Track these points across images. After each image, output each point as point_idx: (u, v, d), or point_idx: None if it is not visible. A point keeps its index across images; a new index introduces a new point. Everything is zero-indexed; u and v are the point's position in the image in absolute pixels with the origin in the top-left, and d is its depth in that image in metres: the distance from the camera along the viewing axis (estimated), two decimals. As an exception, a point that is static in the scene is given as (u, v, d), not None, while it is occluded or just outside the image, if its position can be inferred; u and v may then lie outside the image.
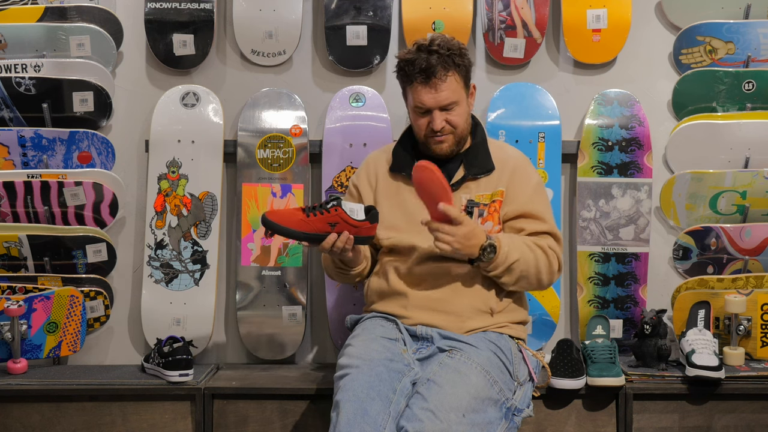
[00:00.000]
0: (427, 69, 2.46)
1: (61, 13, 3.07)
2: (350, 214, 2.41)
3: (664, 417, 2.74)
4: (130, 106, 3.17)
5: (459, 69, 2.50)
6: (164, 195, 3.09)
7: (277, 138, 3.10)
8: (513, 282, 2.47)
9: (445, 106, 2.49)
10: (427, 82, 2.47)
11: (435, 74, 2.46)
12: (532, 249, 2.47)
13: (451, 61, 2.47)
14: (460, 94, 2.51)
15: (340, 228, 2.41)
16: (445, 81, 2.47)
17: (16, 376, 2.85)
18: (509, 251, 2.42)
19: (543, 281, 2.51)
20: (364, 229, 2.43)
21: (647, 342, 2.82)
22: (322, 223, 2.40)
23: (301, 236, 2.41)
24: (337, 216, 2.40)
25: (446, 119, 2.50)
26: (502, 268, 2.42)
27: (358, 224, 2.42)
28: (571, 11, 3.10)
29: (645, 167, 3.09)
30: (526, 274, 2.46)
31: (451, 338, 2.42)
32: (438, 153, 2.55)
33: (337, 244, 2.41)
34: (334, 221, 2.40)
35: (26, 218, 3.03)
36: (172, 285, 3.08)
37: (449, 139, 2.53)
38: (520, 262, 2.44)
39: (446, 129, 2.51)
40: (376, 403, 2.17)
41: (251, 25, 3.11)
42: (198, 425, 2.75)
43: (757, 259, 3.08)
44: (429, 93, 2.48)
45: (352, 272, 2.60)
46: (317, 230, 2.40)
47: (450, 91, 2.48)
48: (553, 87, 3.15)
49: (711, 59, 3.11)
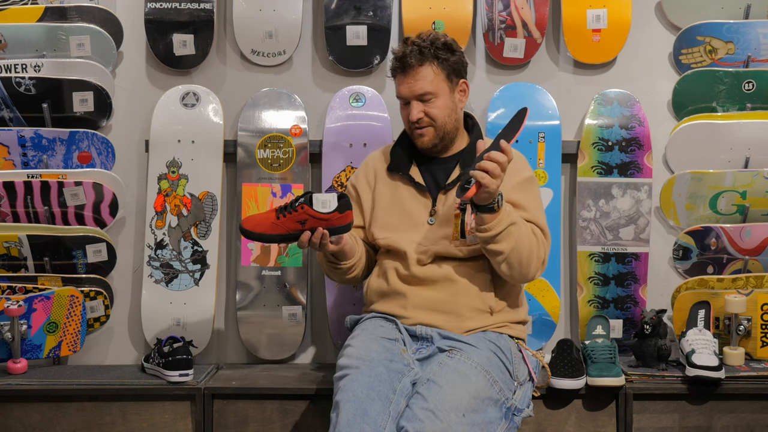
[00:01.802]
0: (402, 58, 2.51)
1: (61, 13, 3.07)
2: (319, 208, 2.40)
3: (664, 417, 2.74)
4: (130, 106, 3.17)
5: (440, 61, 2.50)
6: (164, 195, 3.09)
7: (277, 138, 3.10)
8: (507, 251, 2.38)
9: (420, 96, 2.50)
10: (404, 72, 2.51)
11: (410, 64, 2.49)
12: (526, 224, 2.45)
13: (429, 53, 2.49)
14: (439, 87, 2.51)
15: (310, 224, 2.40)
16: (419, 71, 2.49)
17: (16, 376, 2.85)
18: (510, 211, 2.40)
19: (531, 264, 2.44)
20: (335, 220, 2.42)
21: (647, 342, 2.82)
22: (292, 223, 2.40)
23: (276, 239, 2.42)
24: (305, 213, 2.40)
25: (424, 111, 2.51)
26: (502, 226, 2.35)
27: (327, 217, 2.41)
28: (571, 11, 3.10)
29: (645, 167, 3.09)
30: (519, 247, 2.39)
31: (450, 338, 2.42)
32: (420, 146, 2.57)
33: (312, 240, 2.41)
34: (303, 219, 2.40)
35: (26, 218, 3.03)
36: (172, 285, 3.08)
37: (429, 132, 2.54)
38: (518, 228, 2.39)
39: (424, 121, 2.52)
40: (376, 404, 2.17)
41: (251, 25, 3.11)
42: (198, 425, 2.75)
43: (757, 259, 3.08)
44: (405, 82, 2.52)
45: (343, 266, 2.57)
46: (290, 230, 2.41)
47: (425, 82, 2.49)
48: (553, 87, 3.15)
49: (711, 59, 3.11)
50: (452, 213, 2.53)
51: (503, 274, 2.47)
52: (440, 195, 2.57)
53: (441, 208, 2.55)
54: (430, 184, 2.59)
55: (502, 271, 2.45)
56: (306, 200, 2.41)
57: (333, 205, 2.41)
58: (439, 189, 2.58)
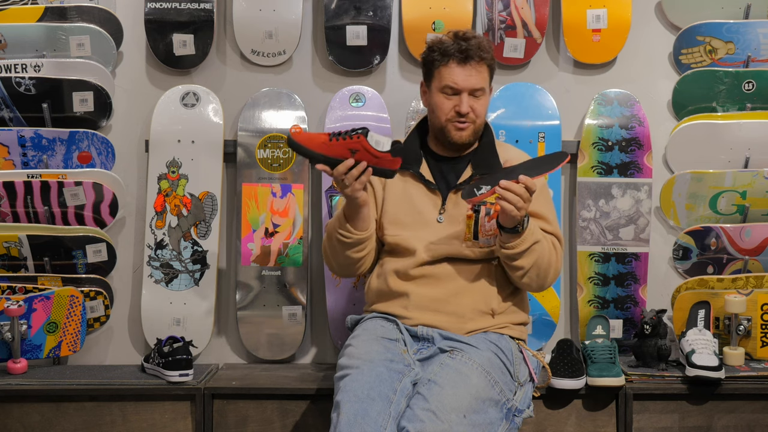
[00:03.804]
0: (466, 50, 2.51)
1: (61, 13, 3.07)
2: (374, 145, 2.37)
3: (664, 417, 2.74)
4: (130, 106, 3.16)
5: (489, 64, 2.55)
6: (164, 195, 3.09)
7: (277, 138, 3.10)
8: (528, 267, 2.43)
9: (474, 90, 2.52)
10: (465, 63, 2.51)
11: (473, 57, 2.50)
12: (546, 238, 2.49)
13: (486, 54, 2.53)
14: (487, 86, 2.56)
15: (360, 156, 2.36)
16: (479, 67, 2.51)
17: (16, 376, 2.85)
18: (535, 229, 2.43)
19: (548, 276, 2.49)
20: (385, 161, 2.38)
21: (647, 342, 2.83)
22: (342, 149, 2.36)
23: (320, 158, 2.37)
24: (359, 143, 2.35)
25: (472, 105, 2.52)
26: (527, 244, 2.39)
27: (379, 155, 2.37)
28: (571, 11, 3.10)
29: (645, 167, 3.10)
30: (540, 261, 2.44)
31: (451, 339, 2.42)
32: (457, 140, 2.55)
33: (353, 172, 2.36)
34: (355, 148, 2.36)
35: (26, 218, 3.03)
36: (172, 285, 3.08)
37: (470, 128, 2.54)
38: (541, 245, 2.43)
39: (470, 116, 2.53)
40: (377, 404, 2.17)
41: (251, 25, 3.11)
42: (198, 425, 2.75)
43: (757, 259, 3.08)
44: (464, 73, 2.51)
45: (355, 235, 2.49)
46: (337, 155, 2.36)
47: (482, 78, 2.52)
48: (553, 87, 3.15)
49: (711, 59, 3.11)
50: (462, 213, 2.51)
51: (521, 285, 2.52)
52: (451, 194, 2.56)
53: (451, 207, 2.55)
54: (440, 183, 2.59)
55: (522, 282, 2.49)
56: (363, 132, 2.37)
57: (386, 146, 2.38)
58: (450, 188, 2.57)
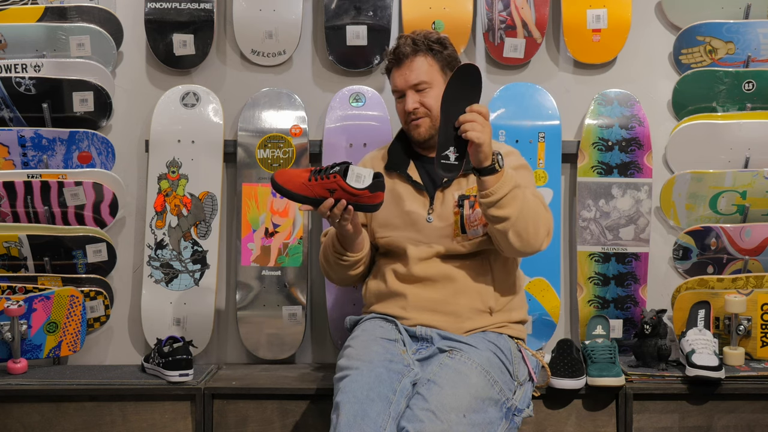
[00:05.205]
0: (396, 51, 2.56)
1: (61, 13, 3.07)
2: (352, 182, 2.36)
3: (664, 417, 2.74)
4: (130, 106, 3.17)
5: (434, 53, 2.54)
6: (164, 195, 3.09)
7: (277, 138, 3.10)
8: (513, 216, 2.33)
9: (415, 86, 2.53)
10: (399, 64, 2.56)
11: (405, 55, 2.54)
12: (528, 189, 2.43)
13: (423, 45, 2.54)
14: (434, 77, 2.54)
15: (338, 195, 2.37)
16: (414, 61, 2.53)
17: (16, 376, 2.85)
18: (513, 174, 2.37)
19: (539, 230, 2.39)
20: (364, 198, 2.38)
21: (647, 342, 2.83)
22: (321, 189, 2.37)
23: (300, 199, 2.40)
24: (335, 183, 2.36)
25: (420, 101, 2.53)
26: (507, 187, 2.32)
27: (357, 192, 2.37)
28: (571, 11, 3.10)
29: (645, 167, 3.10)
30: (526, 210, 2.35)
31: (450, 339, 2.42)
32: (417, 137, 2.58)
33: (334, 211, 2.38)
34: (332, 188, 2.37)
35: (26, 218, 3.03)
36: (172, 285, 3.08)
37: (425, 123, 2.55)
38: (523, 192, 2.36)
39: (420, 111, 2.54)
40: (376, 404, 2.17)
41: (251, 25, 3.11)
42: (198, 425, 2.75)
43: (757, 259, 3.08)
44: (399, 74, 2.56)
45: (350, 258, 2.55)
46: (316, 195, 2.38)
47: (420, 72, 2.52)
48: (553, 87, 3.15)
49: (711, 59, 3.11)
50: (451, 212, 2.53)
51: (511, 246, 2.39)
52: (438, 193, 2.57)
53: (439, 206, 2.55)
54: (427, 182, 2.59)
55: (510, 242, 2.38)
56: (341, 170, 2.37)
57: (367, 182, 2.37)
58: (437, 188, 2.58)
